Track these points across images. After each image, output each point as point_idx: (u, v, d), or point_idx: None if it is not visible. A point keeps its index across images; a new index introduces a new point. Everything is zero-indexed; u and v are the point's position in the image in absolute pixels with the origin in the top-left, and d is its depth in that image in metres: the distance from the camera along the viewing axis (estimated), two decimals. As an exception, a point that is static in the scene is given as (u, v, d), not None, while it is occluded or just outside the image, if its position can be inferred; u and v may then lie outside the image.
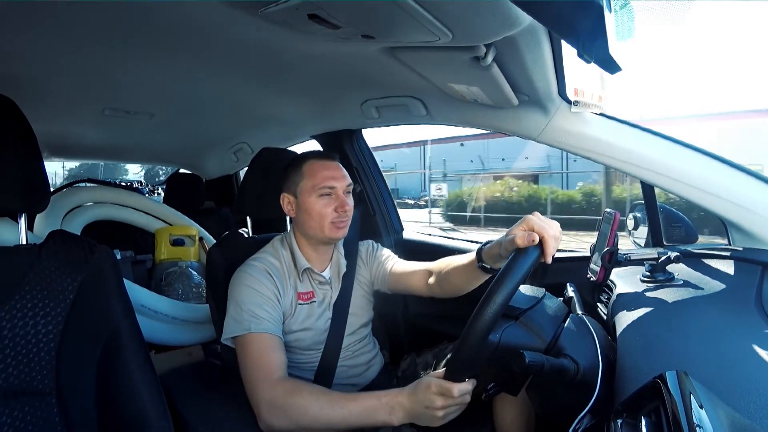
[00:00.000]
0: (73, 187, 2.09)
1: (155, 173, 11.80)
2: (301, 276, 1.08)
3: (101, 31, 0.89)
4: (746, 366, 0.59)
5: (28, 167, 0.79)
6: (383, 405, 0.80)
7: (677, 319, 0.77)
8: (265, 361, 0.91)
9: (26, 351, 0.75)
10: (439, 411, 0.75)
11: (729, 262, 0.94)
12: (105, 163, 7.36)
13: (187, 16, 0.83)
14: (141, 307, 1.58)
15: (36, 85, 1.19)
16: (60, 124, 1.69)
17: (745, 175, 0.98)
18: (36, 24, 0.85)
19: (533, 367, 0.65)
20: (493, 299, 0.65)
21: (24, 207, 0.81)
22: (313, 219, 1.04)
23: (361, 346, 1.16)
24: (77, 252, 0.81)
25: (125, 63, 1.08)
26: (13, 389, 0.73)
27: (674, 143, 1.04)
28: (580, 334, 0.75)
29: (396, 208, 1.84)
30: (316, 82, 1.25)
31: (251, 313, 0.95)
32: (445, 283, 1.02)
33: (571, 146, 1.13)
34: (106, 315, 0.80)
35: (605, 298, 1.03)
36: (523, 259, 0.70)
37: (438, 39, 0.77)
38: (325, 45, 0.92)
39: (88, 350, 0.78)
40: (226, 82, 1.27)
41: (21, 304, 0.75)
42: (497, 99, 1.09)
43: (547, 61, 0.89)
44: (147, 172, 12.62)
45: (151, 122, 1.69)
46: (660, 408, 0.44)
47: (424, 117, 1.39)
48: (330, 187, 1.04)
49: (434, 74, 1.06)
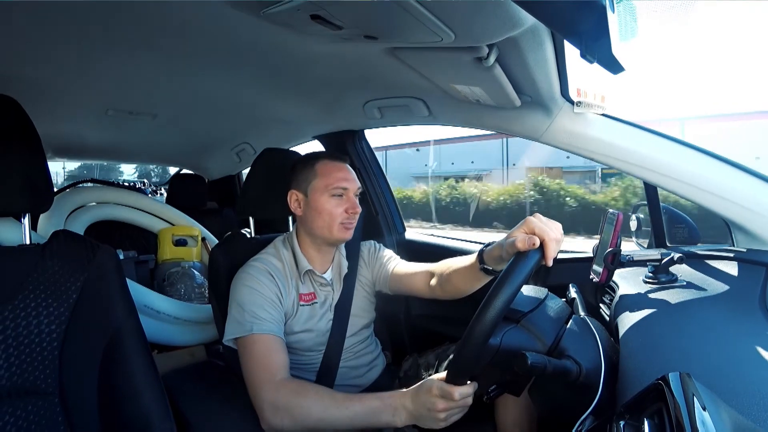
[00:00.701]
0: (77, 187, 2.10)
1: (147, 173, 11.83)
2: (302, 277, 1.08)
3: (104, 32, 0.90)
4: (750, 368, 0.58)
5: (32, 167, 0.79)
6: (387, 406, 0.80)
7: (680, 320, 0.77)
8: (267, 362, 0.91)
9: (29, 350, 0.75)
10: (441, 414, 0.75)
11: (732, 264, 0.94)
12: (99, 163, 7.40)
13: (189, 17, 0.83)
14: (144, 307, 1.58)
15: (40, 85, 1.20)
16: (63, 125, 1.69)
17: (748, 175, 0.97)
18: (40, 25, 0.86)
19: (535, 369, 0.65)
20: (493, 304, 0.64)
21: (28, 207, 0.82)
22: (323, 218, 1.04)
23: (363, 347, 1.16)
24: (81, 252, 0.81)
25: (128, 63, 1.09)
26: (17, 388, 0.73)
27: (677, 144, 1.03)
28: (583, 335, 0.75)
29: (398, 208, 1.84)
30: (318, 82, 1.26)
31: (253, 314, 0.95)
32: (447, 285, 1.02)
33: (574, 147, 1.12)
34: (109, 315, 0.80)
35: (608, 299, 1.03)
36: (523, 263, 0.69)
37: (440, 39, 0.77)
38: (327, 46, 0.92)
39: (91, 350, 0.78)
40: (228, 82, 1.27)
41: (25, 304, 0.75)
42: (500, 100, 1.08)
43: (550, 62, 0.89)
44: (140, 173, 12.65)
45: (154, 123, 1.69)
46: (663, 410, 0.44)
47: (426, 118, 1.39)
48: (343, 188, 1.04)
49: (437, 75, 1.06)
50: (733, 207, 0.97)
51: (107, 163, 7.82)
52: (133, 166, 10.52)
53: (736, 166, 0.99)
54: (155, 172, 10.91)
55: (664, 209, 1.16)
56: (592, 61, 0.61)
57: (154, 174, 11.24)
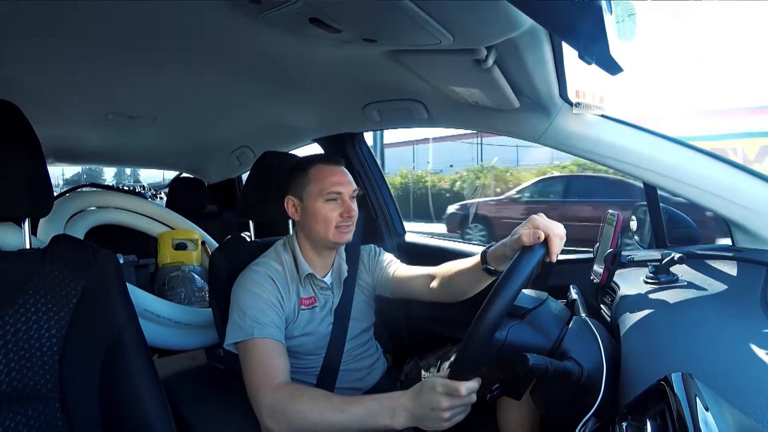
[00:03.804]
0: (76, 192, 2.10)
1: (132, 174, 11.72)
2: (303, 281, 1.08)
3: (104, 37, 0.90)
4: (751, 367, 0.58)
5: (32, 172, 0.79)
6: (385, 408, 0.79)
7: (681, 320, 0.76)
8: (267, 367, 0.90)
9: (30, 355, 0.75)
10: (446, 412, 0.73)
11: (733, 263, 0.94)
12: (87, 168, 7.41)
13: (189, 22, 0.84)
14: (144, 311, 1.57)
15: (40, 90, 1.20)
16: (63, 129, 1.70)
17: (748, 175, 0.97)
18: (40, 30, 0.86)
19: (537, 370, 0.65)
20: (499, 296, 0.65)
21: (28, 211, 0.82)
22: (319, 223, 1.04)
23: (363, 351, 1.16)
24: (81, 256, 0.81)
25: (127, 68, 1.09)
26: (17, 393, 0.73)
27: (676, 144, 1.04)
28: (584, 336, 0.75)
29: (398, 211, 1.84)
30: (317, 85, 1.26)
31: (254, 319, 0.95)
32: (449, 287, 1.02)
33: (573, 148, 1.12)
34: (110, 319, 0.80)
35: (609, 299, 1.02)
36: (529, 256, 0.70)
37: (439, 42, 0.77)
38: (326, 49, 0.93)
39: (91, 354, 0.78)
40: (228, 86, 1.27)
41: (25, 309, 0.75)
42: (498, 101, 1.09)
43: (548, 63, 0.89)
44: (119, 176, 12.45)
45: (153, 127, 1.70)
46: (665, 410, 0.44)
47: (425, 120, 1.39)
48: (337, 192, 1.04)
49: (435, 77, 1.06)
50: (733, 207, 0.97)
51: (91, 168, 7.83)
52: (114, 170, 10.48)
53: (736, 165, 0.99)
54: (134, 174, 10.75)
55: (663, 209, 1.16)
56: (591, 62, 0.61)
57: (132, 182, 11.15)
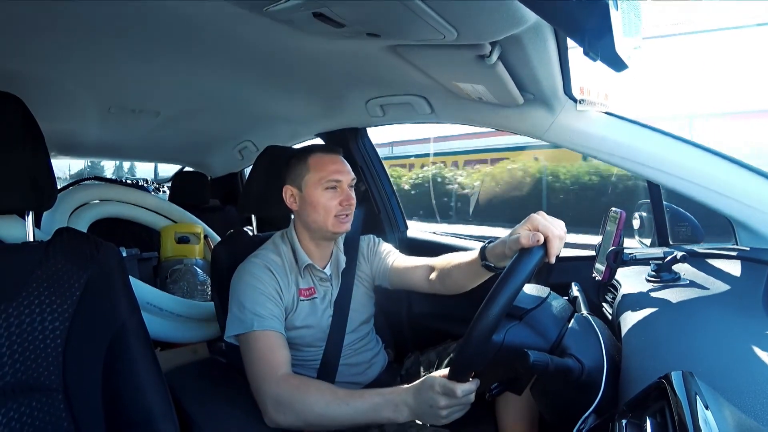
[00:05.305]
0: (80, 185, 2.11)
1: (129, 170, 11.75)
2: (302, 272, 1.08)
3: (107, 30, 0.90)
4: (753, 367, 0.58)
5: (36, 165, 0.80)
6: (388, 402, 0.81)
7: (683, 319, 0.76)
8: (269, 358, 0.91)
9: (33, 347, 0.75)
10: (443, 411, 0.75)
11: (735, 262, 0.93)
12: (90, 161, 7.42)
13: (192, 15, 0.83)
14: (147, 304, 1.59)
15: (43, 83, 1.20)
16: (66, 122, 1.70)
17: (752, 173, 0.97)
18: (43, 23, 0.86)
19: (537, 367, 0.65)
20: (496, 300, 0.64)
21: (31, 204, 0.82)
22: (318, 212, 1.04)
23: (363, 344, 1.16)
24: (84, 249, 0.82)
25: (131, 61, 1.09)
26: (21, 385, 0.74)
27: (680, 141, 1.03)
28: (585, 333, 0.75)
29: (401, 206, 1.84)
30: (320, 80, 1.25)
31: (254, 311, 0.95)
32: (447, 280, 1.02)
33: (577, 145, 1.12)
34: (112, 312, 0.80)
35: (610, 297, 1.02)
36: (527, 260, 0.69)
37: (443, 37, 0.77)
38: (330, 43, 0.92)
39: (95, 347, 0.78)
40: (231, 80, 1.27)
41: (28, 301, 0.76)
42: (502, 97, 1.08)
43: (553, 60, 0.89)
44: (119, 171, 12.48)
45: (156, 120, 1.70)
46: (665, 408, 0.44)
47: (429, 115, 1.39)
48: (336, 180, 1.04)
49: (439, 72, 1.06)
50: (736, 205, 0.96)
51: (93, 162, 7.84)
52: (113, 164, 10.48)
53: (740, 164, 0.98)
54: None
55: (667, 207, 1.16)
56: (596, 58, 0.61)
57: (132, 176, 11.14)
